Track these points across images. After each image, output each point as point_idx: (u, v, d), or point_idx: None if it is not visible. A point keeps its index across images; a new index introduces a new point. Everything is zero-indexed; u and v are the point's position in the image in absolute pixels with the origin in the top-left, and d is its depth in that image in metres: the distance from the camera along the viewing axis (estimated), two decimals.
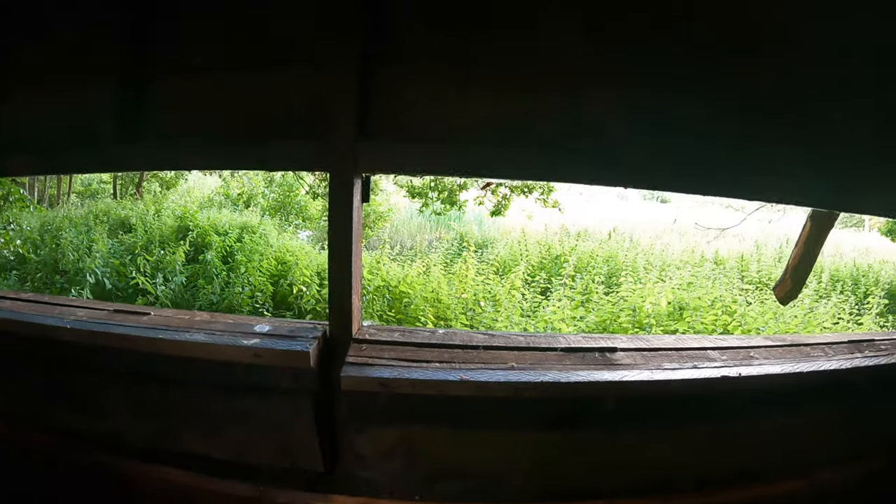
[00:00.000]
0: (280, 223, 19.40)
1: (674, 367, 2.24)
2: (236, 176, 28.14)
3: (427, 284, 11.07)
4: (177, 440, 2.58)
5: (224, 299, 10.91)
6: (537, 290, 11.51)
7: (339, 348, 2.36)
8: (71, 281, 10.83)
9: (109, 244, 12.69)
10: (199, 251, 12.90)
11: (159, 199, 19.67)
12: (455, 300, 10.63)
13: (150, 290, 10.53)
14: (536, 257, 15.42)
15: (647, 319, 10.10)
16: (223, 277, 11.57)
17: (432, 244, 19.86)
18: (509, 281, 11.47)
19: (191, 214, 14.98)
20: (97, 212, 16.52)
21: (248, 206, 21.27)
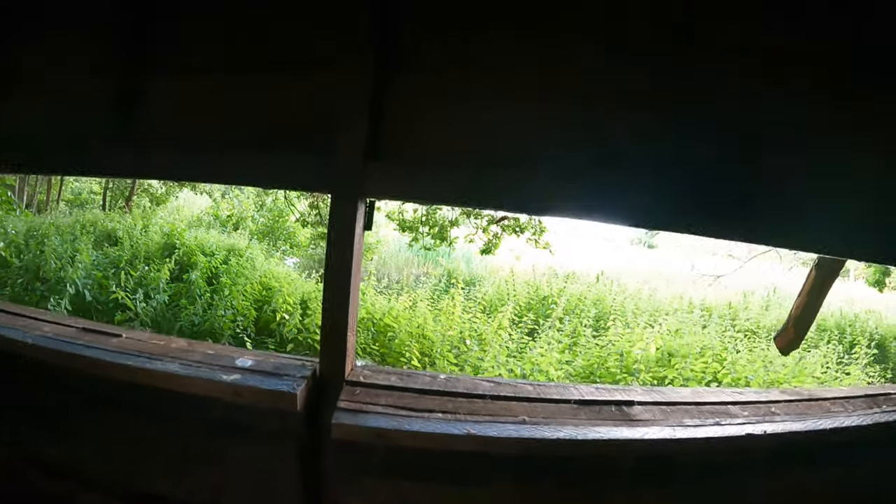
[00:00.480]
0: (268, 248, 19.29)
1: (696, 424, 2.05)
2: (227, 197, 28.04)
3: (413, 319, 10.86)
4: (143, 476, 2.38)
5: (206, 321, 10.67)
6: (524, 331, 11.29)
7: (330, 390, 2.17)
8: (51, 289, 10.61)
9: (94, 255, 12.48)
10: (185, 270, 12.73)
11: (148, 215, 19.56)
12: (441, 337, 10.42)
13: (130, 305, 10.28)
14: (524, 298, 15.26)
15: (635, 365, 9.92)
16: (206, 299, 11.34)
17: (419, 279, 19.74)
18: (496, 320, 11.27)
19: (178, 232, 14.78)
20: (84, 222, 16.33)
21: (237, 229, 21.20)
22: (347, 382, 2.20)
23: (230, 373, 2.08)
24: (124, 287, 10.91)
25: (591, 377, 9.73)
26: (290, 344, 10.31)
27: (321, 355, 2.25)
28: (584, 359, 10.03)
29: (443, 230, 16.09)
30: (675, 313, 13.97)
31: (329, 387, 2.17)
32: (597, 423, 1.94)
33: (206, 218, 24.05)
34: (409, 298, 12.27)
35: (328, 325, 2.21)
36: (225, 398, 2.06)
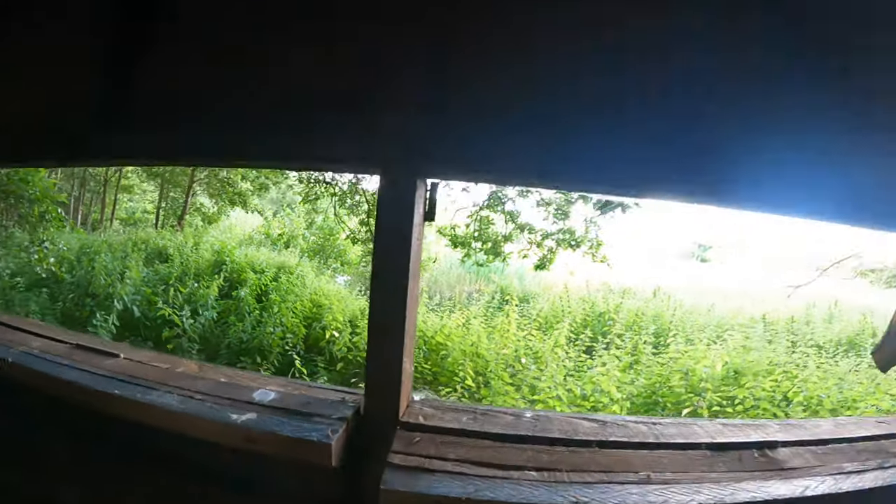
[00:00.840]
0: (318, 266, 19.25)
1: (857, 470, 1.53)
2: (278, 216, 28.29)
3: (466, 337, 10.43)
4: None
5: (254, 338, 10.48)
6: (581, 349, 10.77)
7: (378, 436, 1.63)
8: (100, 305, 10.55)
9: (144, 272, 12.48)
10: (234, 287, 12.64)
11: (200, 233, 19.70)
12: (495, 355, 9.98)
13: (178, 322, 10.12)
14: (580, 314, 14.71)
15: (701, 384, 9.31)
16: (255, 316, 11.17)
17: (472, 296, 19.39)
18: (553, 338, 10.76)
19: (228, 249, 14.75)
20: (136, 239, 16.58)
21: (288, 247, 21.23)
22: (402, 425, 1.66)
23: (243, 410, 1.58)
24: (172, 304, 10.82)
25: (652, 397, 9.17)
26: (339, 363, 10.01)
27: (367, 388, 1.73)
28: (645, 377, 9.50)
29: (496, 245, 15.73)
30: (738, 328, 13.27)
31: (377, 432, 1.64)
32: (742, 478, 1.39)
33: (258, 236, 24.24)
34: (462, 316, 11.87)
35: (376, 346, 1.70)
36: (232, 444, 1.56)
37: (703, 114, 1.44)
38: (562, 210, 15.53)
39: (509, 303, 12.16)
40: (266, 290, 12.80)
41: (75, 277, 11.98)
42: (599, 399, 7.67)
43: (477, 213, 16.35)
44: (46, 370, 1.86)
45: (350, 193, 18.61)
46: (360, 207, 18.61)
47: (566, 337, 10.90)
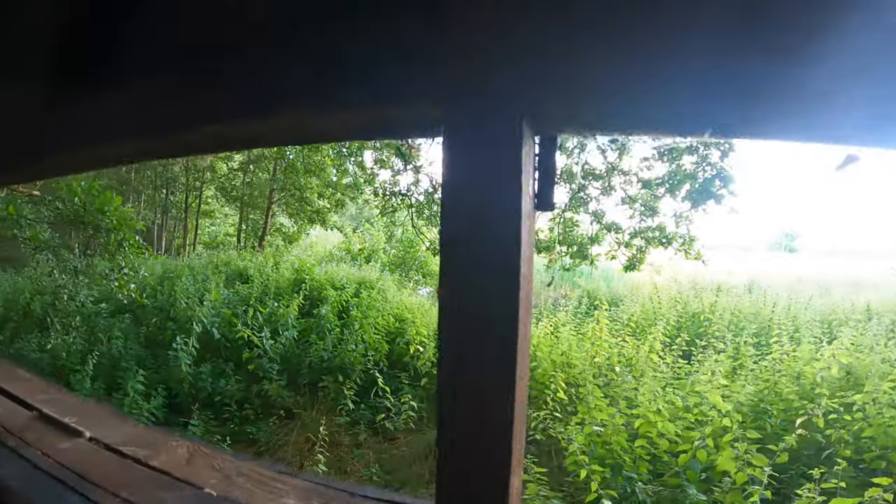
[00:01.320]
0: (400, 279, 19.19)
1: None
2: (358, 231, 28.59)
3: (556, 347, 9.93)
4: None
5: (336, 356, 10.26)
6: (677, 354, 10.10)
7: None
8: (181, 328, 10.57)
9: (224, 294, 12.58)
10: (315, 305, 12.52)
11: (280, 252, 19.95)
12: (587, 365, 9.44)
13: (258, 343, 10.02)
14: (672, 315, 13.97)
15: (815, 389, 8.45)
16: (336, 333, 10.98)
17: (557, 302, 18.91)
18: (647, 343, 10.13)
19: (307, 267, 14.72)
20: (217, 262, 16.86)
21: (369, 262, 21.30)
22: None
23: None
24: (252, 325, 10.76)
25: (759, 405, 8.42)
26: (423, 378, 9.66)
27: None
28: (752, 383, 8.71)
29: (582, 248, 15.22)
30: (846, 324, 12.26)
31: None
32: None
33: (338, 253, 24.51)
34: (549, 323, 11.37)
35: (454, 452, 1.05)
36: None
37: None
38: (649, 206, 14.92)
39: (599, 307, 11.56)
40: (347, 306, 12.62)
41: (157, 302, 12.16)
42: (705, 412, 7.05)
43: (560, 215, 15.89)
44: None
45: (427, 204, 18.44)
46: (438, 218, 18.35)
47: (661, 342, 10.26)
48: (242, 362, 9.88)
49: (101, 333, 10.33)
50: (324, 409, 9.16)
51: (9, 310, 12.20)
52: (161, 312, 11.77)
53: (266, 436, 8.64)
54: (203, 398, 9.30)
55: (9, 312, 12.11)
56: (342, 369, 9.96)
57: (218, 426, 8.79)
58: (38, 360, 9.55)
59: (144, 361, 9.88)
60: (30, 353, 9.74)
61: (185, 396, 9.28)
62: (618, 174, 15.46)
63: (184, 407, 9.19)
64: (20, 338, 10.44)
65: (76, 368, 8.91)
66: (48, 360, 9.57)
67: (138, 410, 8.19)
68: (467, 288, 0.97)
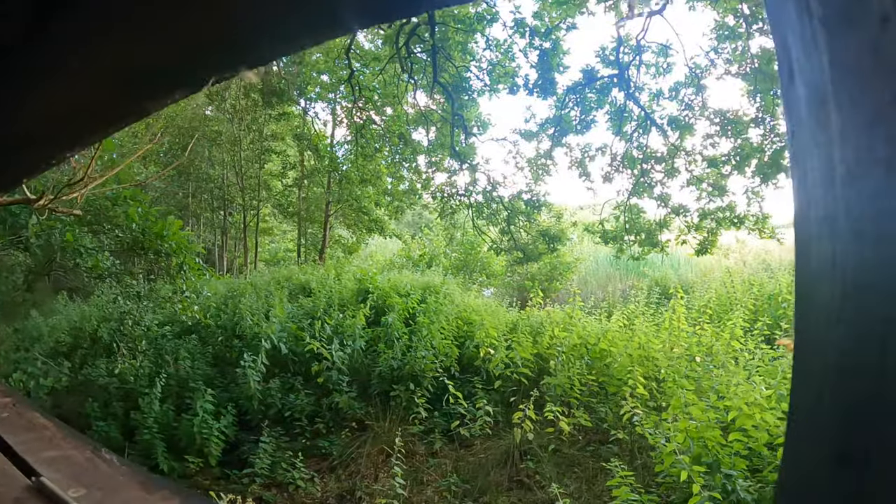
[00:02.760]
0: (464, 281, 19.04)
1: None
2: (417, 237, 28.69)
3: (632, 340, 9.48)
4: None
5: (405, 364, 10.01)
6: (759, 339, 9.55)
7: None
8: (248, 345, 10.53)
9: (289, 308, 12.48)
10: (381, 314, 12.33)
11: (341, 264, 20.00)
12: (666, 357, 8.98)
13: (327, 355, 9.82)
14: (748, 299, 13.36)
15: None
16: (404, 341, 10.72)
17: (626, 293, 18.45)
18: (727, 330, 9.60)
19: (370, 277, 14.57)
20: (279, 277, 16.84)
21: (430, 267, 21.19)
22: None
23: None
24: (319, 337, 10.59)
25: None
26: (497, 381, 9.33)
27: None
28: None
29: (651, 235, 14.76)
30: None
31: None
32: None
33: (399, 260, 24.57)
34: (621, 316, 10.93)
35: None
36: None
37: None
38: (717, 185, 14.39)
39: (673, 296, 11.04)
40: (413, 313, 12.41)
41: (222, 321, 12.17)
42: None
43: (626, 202, 15.48)
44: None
45: (486, 203, 18.24)
46: (498, 216, 18.18)
47: (741, 327, 9.71)
48: (311, 376, 9.73)
49: (167, 355, 10.38)
50: (396, 418, 8.94)
51: (77, 337, 12.37)
52: (226, 331, 11.76)
53: (339, 449, 8.47)
54: (273, 414, 9.20)
55: (77, 340, 12.27)
56: (413, 377, 9.75)
57: (289, 441, 8.65)
58: (106, 384, 9.60)
59: (212, 380, 9.86)
60: (98, 377, 9.79)
61: (255, 413, 9.20)
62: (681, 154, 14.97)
63: (254, 424, 9.13)
64: (88, 364, 10.52)
65: (144, 391, 8.90)
66: (116, 384, 9.62)
67: (208, 430, 8.13)
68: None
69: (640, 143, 15.67)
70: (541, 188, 17.82)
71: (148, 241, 9.61)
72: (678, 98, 15.29)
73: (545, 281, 21.52)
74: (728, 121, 14.20)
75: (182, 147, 22.64)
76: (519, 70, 17.26)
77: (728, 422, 6.27)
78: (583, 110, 16.50)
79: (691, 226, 14.66)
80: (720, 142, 14.58)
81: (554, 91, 16.39)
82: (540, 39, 15.61)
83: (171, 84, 0.87)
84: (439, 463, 7.98)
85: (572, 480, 7.22)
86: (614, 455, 6.84)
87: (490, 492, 7.11)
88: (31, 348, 11.36)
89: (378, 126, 20.74)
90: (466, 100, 18.22)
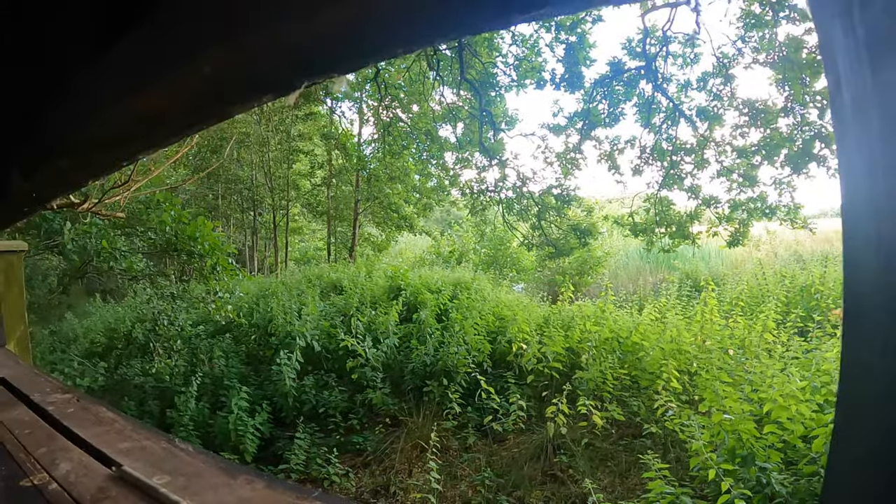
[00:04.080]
0: (495, 277, 19.10)
1: None
2: (446, 234, 28.77)
3: (664, 333, 9.45)
4: None
5: (438, 360, 10.08)
6: (792, 331, 9.45)
7: None
8: (281, 343, 10.71)
9: (321, 307, 12.62)
10: (413, 310, 12.49)
11: (371, 261, 20.14)
12: (697, 349, 8.95)
13: (361, 352, 9.95)
14: (780, 291, 13.23)
15: None
16: (437, 337, 10.81)
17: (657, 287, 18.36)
18: (759, 322, 9.52)
19: (401, 273, 14.70)
20: (310, 276, 17.10)
21: (460, 263, 21.28)
22: None
23: None
24: (354, 333, 10.73)
25: None
26: (529, 375, 9.35)
27: None
28: None
29: (682, 227, 14.66)
30: None
31: None
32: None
33: (429, 256, 24.67)
34: (653, 309, 10.90)
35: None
36: None
37: None
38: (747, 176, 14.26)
39: (705, 288, 10.96)
40: (445, 309, 12.52)
41: (255, 320, 12.36)
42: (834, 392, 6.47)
43: (656, 194, 15.40)
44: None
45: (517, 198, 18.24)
46: (529, 212, 18.17)
47: (773, 319, 9.62)
48: (345, 373, 9.88)
49: (202, 354, 10.58)
50: (429, 414, 8.99)
51: (112, 338, 12.68)
52: (259, 329, 11.94)
53: (373, 445, 8.54)
54: (307, 411, 9.30)
55: (112, 341, 12.58)
56: (446, 373, 9.82)
57: (323, 438, 8.75)
58: (142, 384, 9.81)
59: (247, 378, 10.01)
60: (134, 377, 10.02)
61: (290, 410, 9.30)
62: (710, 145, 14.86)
63: (288, 420, 9.23)
64: (123, 364, 10.77)
65: (180, 390, 9.04)
66: (152, 383, 9.81)
67: (244, 427, 8.24)
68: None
69: (669, 134, 15.59)
70: (570, 182, 17.81)
71: (181, 242, 9.76)
72: (706, 88, 15.20)
73: (575, 275, 21.53)
74: (757, 110, 14.07)
75: (211, 150, 22.92)
76: (545, 64, 17.28)
77: (762, 414, 6.23)
78: (611, 103, 16.44)
79: (722, 217, 14.55)
80: (750, 132, 14.46)
81: (581, 85, 16.36)
82: (566, 33, 15.59)
83: (262, 89, 0.91)
84: (473, 458, 8.02)
85: (605, 474, 7.23)
86: (647, 449, 6.81)
87: (523, 486, 7.13)
88: (67, 349, 11.63)
89: (405, 123, 20.82)
90: (494, 96, 18.24)
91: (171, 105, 1.00)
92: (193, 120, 1.07)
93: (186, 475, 1.35)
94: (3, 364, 2.81)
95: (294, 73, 0.85)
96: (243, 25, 0.77)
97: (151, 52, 0.97)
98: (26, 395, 2.23)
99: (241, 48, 0.81)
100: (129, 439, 1.64)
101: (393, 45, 0.81)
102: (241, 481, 1.24)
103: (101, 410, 1.95)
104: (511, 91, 18.27)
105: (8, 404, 2.19)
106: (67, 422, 1.85)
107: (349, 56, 0.82)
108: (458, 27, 0.79)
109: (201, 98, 0.97)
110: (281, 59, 0.83)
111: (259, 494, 1.18)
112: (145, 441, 1.63)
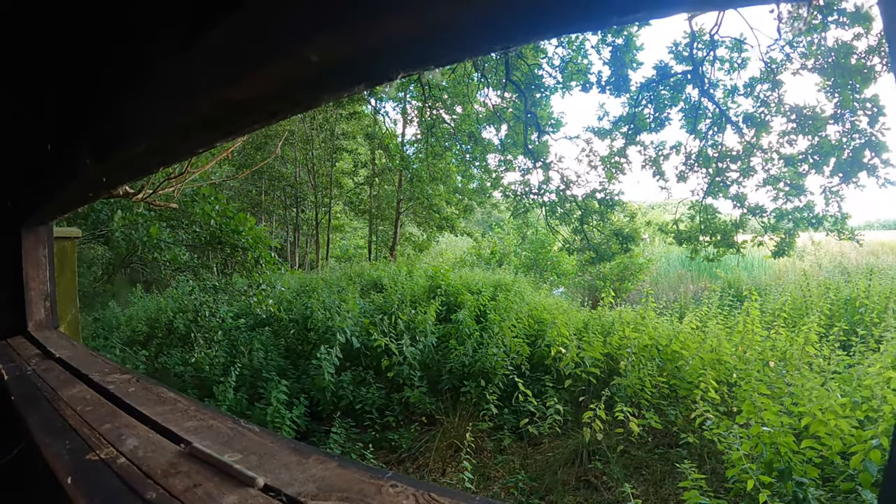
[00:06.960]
0: (535, 280, 19.05)
1: None
2: (487, 235, 28.81)
3: (704, 342, 9.34)
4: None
5: (476, 361, 10.10)
6: (835, 345, 9.23)
7: None
8: (321, 338, 10.82)
9: (360, 304, 12.75)
10: (451, 310, 12.52)
11: (412, 261, 20.22)
12: (739, 361, 8.82)
13: (395, 350, 10.06)
14: (824, 303, 12.94)
15: None
16: (476, 338, 10.83)
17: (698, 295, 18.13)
18: (801, 334, 9.34)
19: (442, 273, 14.75)
20: (351, 273, 17.34)
21: (501, 265, 21.26)
22: None
23: None
24: (390, 332, 10.85)
25: None
26: (567, 380, 9.32)
27: None
28: None
29: (727, 235, 14.48)
30: None
31: None
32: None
33: (470, 258, 24.69)
34: (694, 318, 10.76)
35: None
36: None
37: None
38: (794, 185, 14.02)
39: (748, 298, 10.79)
40: (484, 310, 12.53)
41: (294, 314, 12.57)
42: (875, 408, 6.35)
43: (701, 202, 15.24)
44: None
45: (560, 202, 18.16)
46: (571, 215, 18.09)
47: (816, 332, 9.42)
48: (382, 370, 9.94)
49: (242, 346, 10.80)
50: (466, 414, 9.01)
51: (153, 328, 13.05)
52: (298, 324, 12.12)
53: (408, 442, 8.59)
54: (344, 406, 9.41)
55: (153, 330, 12.94)
56: (483, 374, 9.82)
57: (359, 433, 8.84)
58: (181, 373, 10.05)
59: (285, 372, 10.19)
60: (174, 366, 10.28)
61: (327, 405, 9.40)
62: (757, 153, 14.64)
63: (325, 415, 9.35)
64: (164, 353, 11.05)
65: (219, 380, 9.22)
66: (192, 372, 10.05)
67: (280, 420, 8.37)
68: None
69: (715, 141, 15.41)
70: (614, 187, 17.69)
71: (226, 235, 9.89)
72: (753, 94, 14.98)
73: (616, 281, 21.36)
74: (805, 117, 13.84)
75: (255, 147, 23.20)
76: (591, 67, 17.19)
77: (801, 428, 6.16)
78: (656, 108, 16.30)
79: (768, 226, 14.32)
80: (797, 139, 14.22)
81: (627, 88, 16.25)
82: (612, 36, 15.51)
83: (359, 78, 0.90)
84: (507, 460, 8.03)
85: (640, 482, 7.19)
86: (683, 459, 6.76)
87: (556, 490, 7.12)
88: (109, 336, 11.97)
89: (448, 125, 20.86)
90: (539, 97, 18.19)
91: (263, 93, 1.00)
92: (280, 108, 1.08)
93: (258, 454, 1.37)
94: (59, 345, 2.89)
95: (393, 64, 0.84)
96: (360, 14, 0.76)
97: (252, 39, 0.97)
98: (85, 374, 2.28)
99: (353, 38, 0.80)
100: (195, 419, 1.67)
101: (490, 42, 0.80)
102: (313, 461, 1.27)
103: (162, 391, 1.99)
104: (556, 93, 18.22)
105: (67, 382, 2.24)
106: (130, 400, 1.88)
107: (447, 50, 0.82)
108: (556, 27, 0.78)
109: (297, 86, 0.96)
110: (384, 48, 0.81)
111: (333, 473, 1.19)
112: (211, 420, 1.65)
